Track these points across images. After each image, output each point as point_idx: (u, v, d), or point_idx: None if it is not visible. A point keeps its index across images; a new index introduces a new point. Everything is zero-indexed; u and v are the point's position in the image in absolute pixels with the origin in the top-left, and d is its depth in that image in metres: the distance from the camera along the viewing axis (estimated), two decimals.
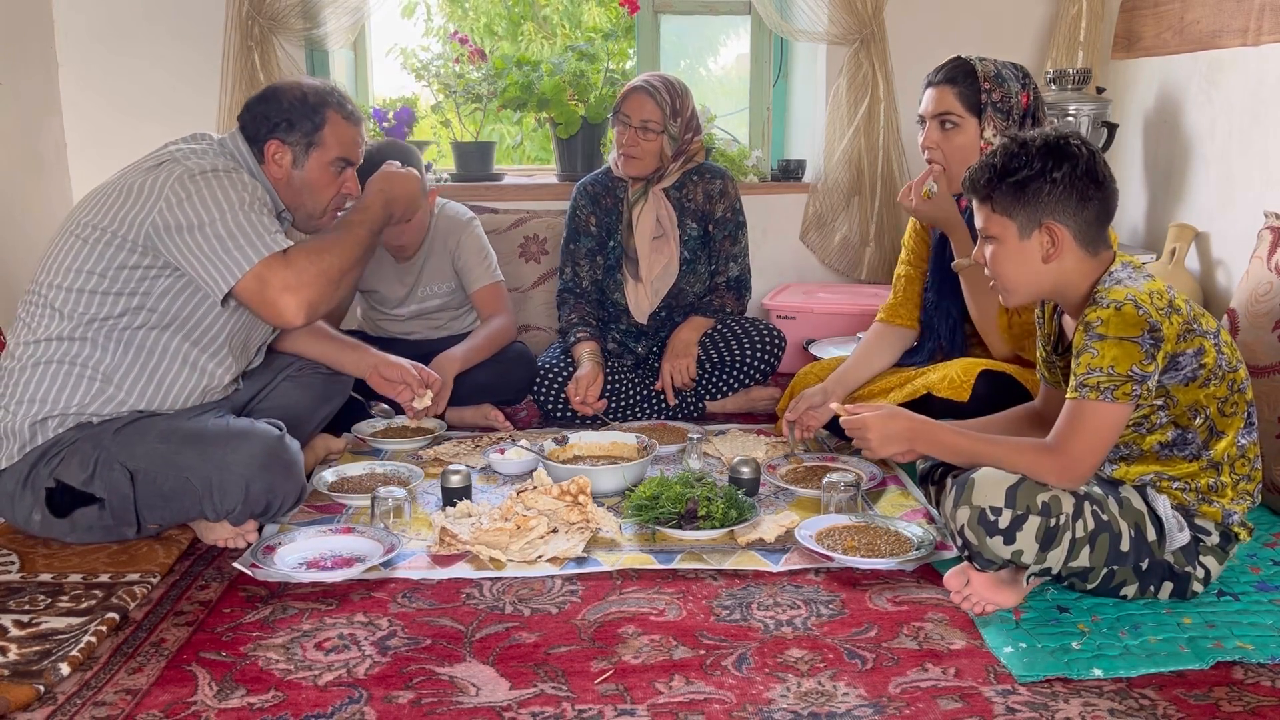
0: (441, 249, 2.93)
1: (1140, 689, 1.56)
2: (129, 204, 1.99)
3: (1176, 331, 1.67)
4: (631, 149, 2.86)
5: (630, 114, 2.84)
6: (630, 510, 2.13)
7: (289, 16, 3.37)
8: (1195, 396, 1.71)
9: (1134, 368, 1.64)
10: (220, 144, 2.15)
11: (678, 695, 1.55)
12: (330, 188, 2.20)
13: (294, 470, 2.06)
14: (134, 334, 2.04)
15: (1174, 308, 1.69)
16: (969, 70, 2.33)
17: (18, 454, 2.00)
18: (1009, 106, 2.32)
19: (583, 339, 2.92)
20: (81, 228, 2.02)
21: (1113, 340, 1.64)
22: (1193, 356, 1.69)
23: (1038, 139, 1.74)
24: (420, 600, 1.86)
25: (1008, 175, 1.73)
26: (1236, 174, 2.91)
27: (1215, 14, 2.97)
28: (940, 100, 2.35)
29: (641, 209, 2.94)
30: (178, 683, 1.59)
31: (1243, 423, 1.75)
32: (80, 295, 2.01)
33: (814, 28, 3.60)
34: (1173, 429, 1.74)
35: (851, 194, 3.69)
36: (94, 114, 3.46)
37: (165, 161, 2.03)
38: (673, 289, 2.99)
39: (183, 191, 1.97)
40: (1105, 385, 1.65)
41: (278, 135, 2.13)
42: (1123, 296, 1.66)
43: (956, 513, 1.69)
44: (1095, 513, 1.69)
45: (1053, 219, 1.72)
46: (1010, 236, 1.76)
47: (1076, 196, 1.71)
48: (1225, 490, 1.75)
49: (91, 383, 2.02)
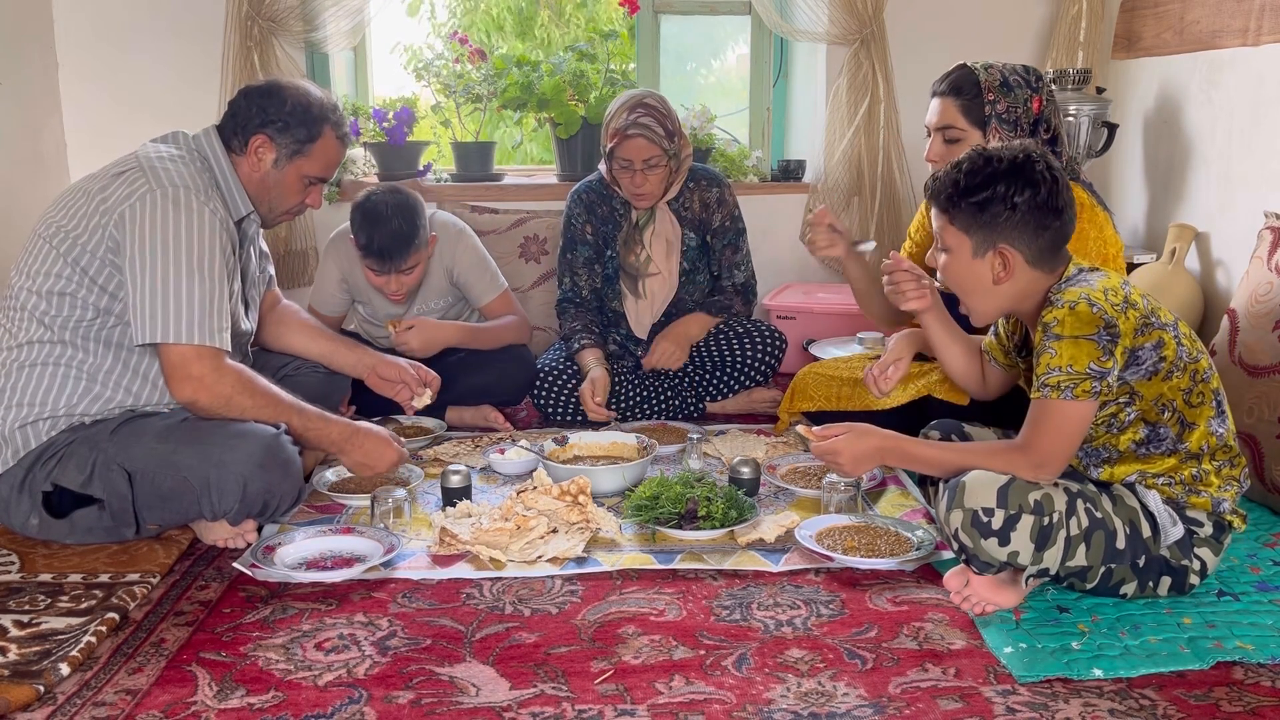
0: (436, 266, 2.86)
1: (1140, 689, 1.56)
2: (90, 208, 1.98)
3: (1133, 326, 1.69)
4: (641, 188, 2.81)
5: (631, 158, 2.77)
6: (630, 510, 2.13)
7: (288, 19, 3.37)
8: (1159, 390, 1.72)
9: (1092, 365, 1.66)
10: (194, 144, 2.12)
11: (678, 695, 1.55)
12: (296, 195, 2.19)
13: (291, 470, 2.06)
14: (113, 332, 2.03)
15: (1130, 303, 1.71)
16: (973, 80, 2.29)
17: (12, 459, 1.99)
18: (1016, 116, 2.27)
19: (587, 345, 2.91)
20: (48, 229, 2.01)
21: (1069, 339, 1.67)
22: (1152, 350, 1.70)
23: (1004, 158, 1.75)
24: (420, 600, 1.85)
25: (969, 194, 1.75)
26: (1236, 174, 2.91)
27: (1215, 14, 2.97)
28: (944, 113, 2.31)
29: (652, 231, 2.92)
30: (178, 683, 1.59)
31: (1213, 411, 1.76)
32: (54, 298, 2.00)
33: (814, 28, 3.60)
34: (1143, 426, 1.75)
35: (851, 194, 3.69)
36: (94, 114, 3.46)
37: (131, 170, 2.01)
38: (672, 300, 2.98)
39: (142, 213, 1.94)
40: (1065, 384, 1.67)
41: (268, 131, 2.11)
42: (1076, 296, 1.68)
43: (950, 516, 1.69)
44: (1088, 510, 1.70)
45: (1007, 243, 1.76)
46: (964, 252, 1.79)
47: (1033, 225, 1.74)
48: (1209, 478, 1.75)
49: (78, 382, 2.01)
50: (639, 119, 2.75)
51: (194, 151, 2.10)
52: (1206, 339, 2.59)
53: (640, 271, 2.94)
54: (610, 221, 2.98)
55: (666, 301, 2.97)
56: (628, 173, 2.80)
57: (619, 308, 3.01)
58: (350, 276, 2.87)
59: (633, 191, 2.83)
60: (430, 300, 2.91)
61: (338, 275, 2.88)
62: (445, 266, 2.88)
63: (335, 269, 2.88)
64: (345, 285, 2.89)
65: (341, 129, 2.19)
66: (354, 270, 2.84)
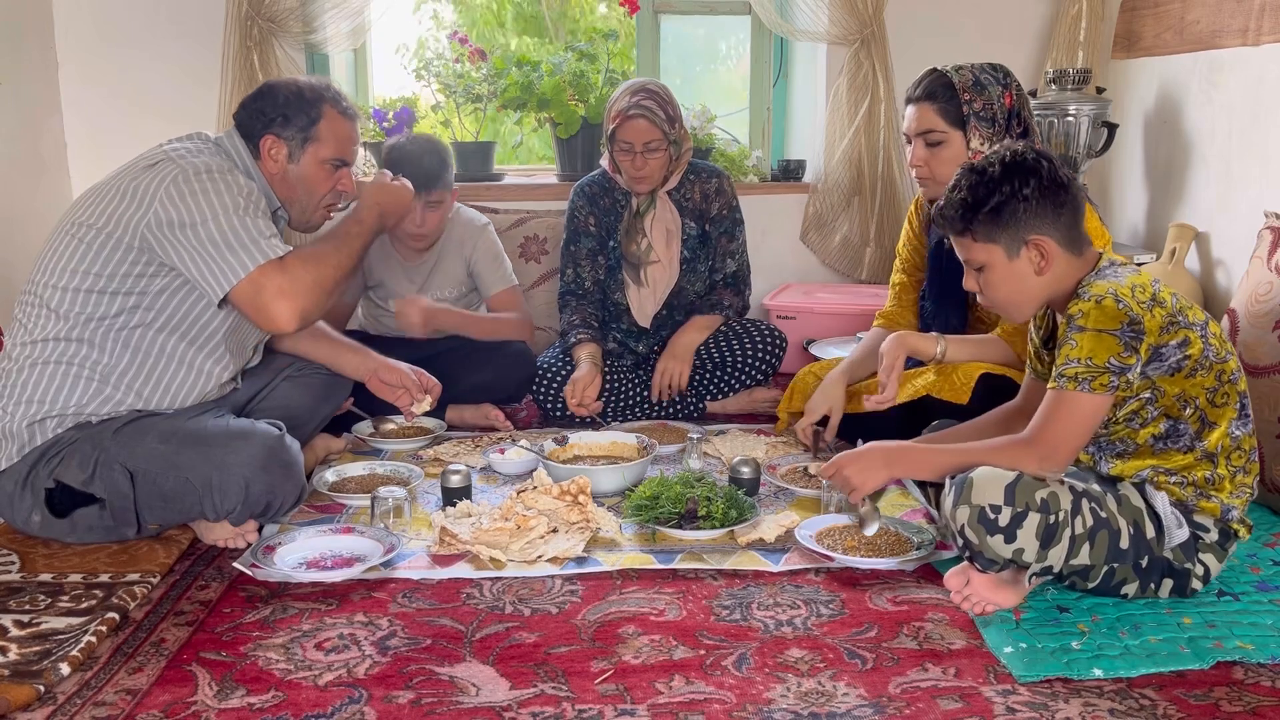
0: (455, 252, 2.95)
1: (1140, 689, 1.56)
2: (124, 204, 1.99)
3: (1159, 324, 1.69)
4: (641, 171, 2.84)
5: (632, 141, 2.80)
6: (630, 510, 2.13)
7: (288, 20, 3.37)
8: (1182, 387, 1.72)
9: (1111, 359, 1.67)
10: (216, 143, 2.15)
11: (678, 695, 1.55)
12: (325, 184, 2.21)
13: (294, 470, 2.06)
14: (130, 334, 2.04)
15: (1157, 301, 1.71)
16: (946, 83, 2.31)
17: (16, 455, 2.00)
18: (992, 113, 2.31)
19: (582, 340, 2.92)
20: (77, 227, 2.02)
21: (1091, 332, 1.68)
22: (1176, 348, 1.71)
23: (995, 163, 1.77)
24: (420, 600, 1.85)
25: (981, 205, 1.76)
26: (1236, 174, 2.91)
27: (1215, 14, 2.97)
28: (922, 118, 2.33)
29: (652, 218, 2.94)
30: (178, 683, 1.59)
31: (1235, 413, 1.76)
32: (76, 295, 2.00)
33: (814, 28, 3.60)
34: (1165, 421, 1.75)
35: (852, 194, 3.69)
36: (94, 114, 3.46)
37: (160, 161, 2.03)
38: (673, 289, 2.99)
39: (177, 192, 1.98)
40: (1083, 376, 1.68)
41: (273, 130, 2.14)
42: (1104, 290, 1.69)
43: (956, 512, 1.69)
44: (1094, 509, 1.70)
45: (1036, 234, 1.76)
46: (999, 261, 1.79)
47: (1051, 206, 1.75)
48: (1223, 484, 1.75)
49: (89, 383, 2.02)
50: (641, 101, 2.79)
51: (219, 149, 2.14)
52: None
53: (642, 260, 2.96)
54: (613, 213, 2.99)
55: (668, 289, 2.99)
56: (628, 156, 2.83)
57: (622, 300, 3.02)
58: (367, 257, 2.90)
59: (632, 175, 2.86)
60: (445, 288, 2.97)
61: None
62: (464, 255, 2.95)
63: None
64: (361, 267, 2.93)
65: (341, 104, 2.21)
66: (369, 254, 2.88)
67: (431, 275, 2.95)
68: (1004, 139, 2.30)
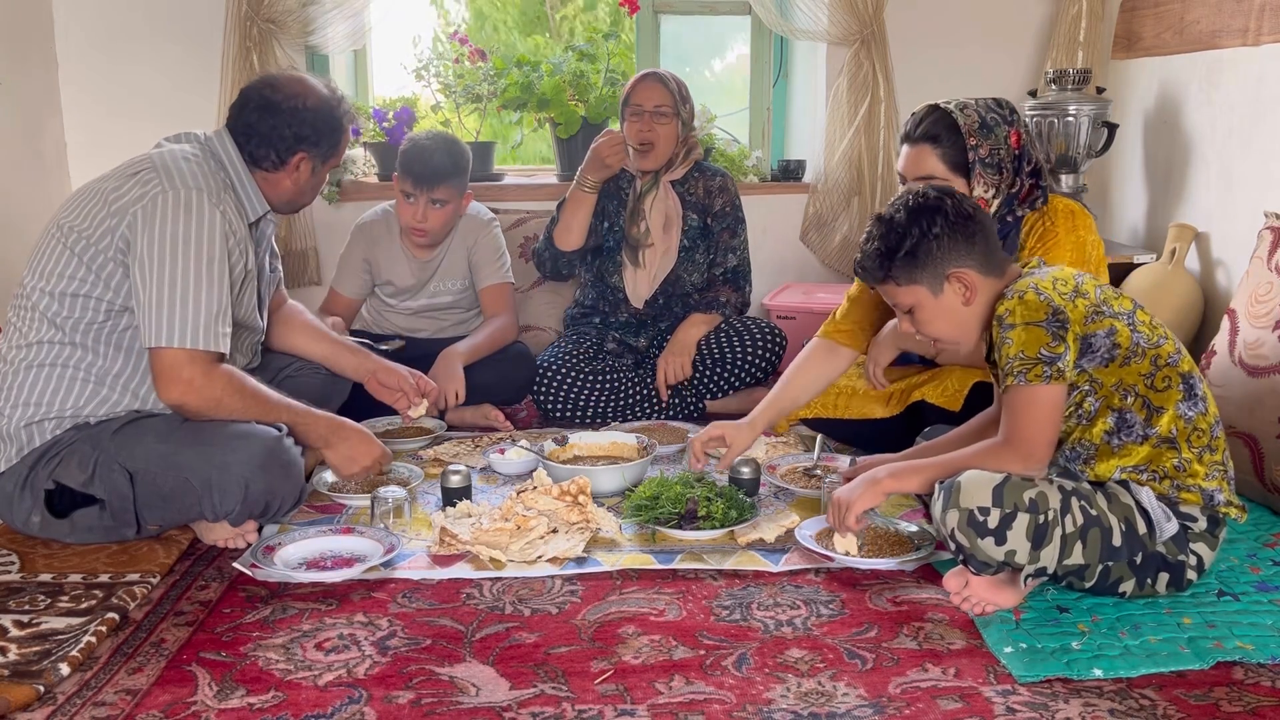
0: (460, 246, 2.99)
1: (1140, 689, 1.56)
2: (104, 210, 1.99)
3: (1083, 314, 1.75)
4: (647, 134, 2.89)
5: (642, 101, 2.89)
6: (630, 510, 2.14)
7: (288, 21, 3.37)
8: (1118, 375, 1.76)
9: (1042, 350, 1.72)
10: (205, 144, 2.13)
11: (678, 695, 1.55)
12: (318, 189, 2.28)
13: (293, 471, 2.06)
14: (123, 336, 2.03)
15: (1080, 292, 1.78)
16: (950, 124, 2.13)
17: (16, 457, 2.00)
18: (999, 159, 2.14)
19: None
20: (62, 231, 2.01)
21: (1020, 327, 1.74)
22: (1104, 337, 1.75)
23: (900, 210, 1.84)
24: (420, 600, 1.86)
25: (895, 251, 1.83)
26: (1236, 174, 2.91)
27: (1215, 14, 2.97)
28: (920, 162, 2.15)
29: (653, 199, 2.98)
30: (178, 683, 1.59)
31: (1180, 395, 1.76)
32: (65, 299, 2.00)
33: (814, 28, 3.60)
34: (1111, 414, 1.77)
35: (851, 194, 3.69)
36: (94, 114, 3.45)
37: (145, 170, 2.01)
38: (669, 276, 3.01)
39: (155, 216, 1.95)
40: (1019, 369, 1.73)
41: (304, 148, 2.15)
42: (1025, 286, 1.77)
43: (946, 516, 1.70)
44: (1083, 508, 1.70)
45: (955, 267, 1.82)
46: (925, 300, 1.85)
47: (963, 238, 1.82)
48: (1193, 467, 1.75)
49: (85, 385, 2.02)
50: (655, 71, 3.00)
51: (209, 152, 2.12)
52: (1206, 339, 2.59)
53: (641, 243, 3.01)
54: (615, 198, 3.03)
55: (664, 273, 3.02)
56: (638, 120, 2.90)
57: (619, 283, 3.04)
58: (372, 255, 2.99)
59: (639, 141, 2.90)
60: (448, 280, 3.00)
61: (361, 255, 2.99)
62: (467, 246, 2.99)
63: (359, 249, 3.00)
64: (367, 265, 3.00)
65: (351, 119, 2.27)
66: (376, 249, 2.98)
67: (438, 269, 2.99)
68: (1013, 185, 2.19)
